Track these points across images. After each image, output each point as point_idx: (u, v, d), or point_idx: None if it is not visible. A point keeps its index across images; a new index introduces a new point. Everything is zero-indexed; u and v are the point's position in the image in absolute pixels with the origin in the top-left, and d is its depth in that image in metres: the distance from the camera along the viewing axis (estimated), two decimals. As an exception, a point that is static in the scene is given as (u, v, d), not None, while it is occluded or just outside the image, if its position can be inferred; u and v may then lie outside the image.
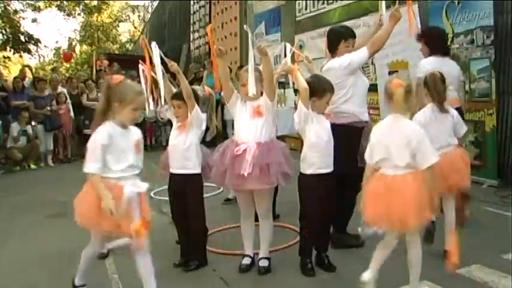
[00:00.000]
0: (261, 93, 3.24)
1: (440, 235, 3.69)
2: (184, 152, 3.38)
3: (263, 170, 3.07)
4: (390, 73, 6.77)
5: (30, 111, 8.65)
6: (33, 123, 8.73)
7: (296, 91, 5.36)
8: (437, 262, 3.13)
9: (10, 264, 3.80)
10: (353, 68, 3.60)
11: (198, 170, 3.42)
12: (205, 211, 3.48)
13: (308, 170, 3.23)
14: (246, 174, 3.04)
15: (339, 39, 3.77)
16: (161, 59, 3.41)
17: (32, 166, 8.56)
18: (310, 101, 3.17)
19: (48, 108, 8.84)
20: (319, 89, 3.20)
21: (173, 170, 3.46)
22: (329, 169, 3.22)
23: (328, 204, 3.24)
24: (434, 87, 3.29)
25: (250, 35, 3.27)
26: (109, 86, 2.67)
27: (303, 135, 3.27)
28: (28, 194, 6.37)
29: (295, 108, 3.51)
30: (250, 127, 3.20)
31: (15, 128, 8.39)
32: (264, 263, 3.32)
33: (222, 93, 3.48)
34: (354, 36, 3.82)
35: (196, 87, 3.62)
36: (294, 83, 4.20)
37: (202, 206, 3.44)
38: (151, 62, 3.50)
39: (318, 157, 3.21)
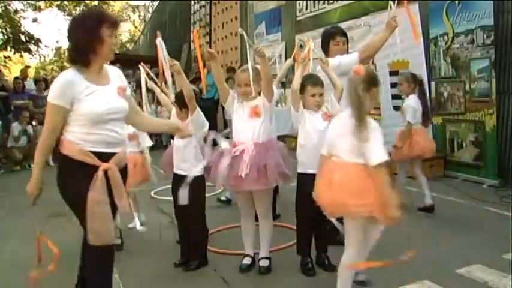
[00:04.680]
0: (259, 93, 3.24)
1: (434, 236, 3.70)
2: (182, 153, 3.38)
3: (261, 170, 3.06)
4: (391, 73, 6.78)
5: (30, 110, 8.66)
6: (33, 123, 8.73)
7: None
8: (437, 262, 3.14)
9: (10, 264, 3.81)
10: (342, 70, 3.61)
11: (196, 172, 3.40)
12: (205, 211, 3.47)
13: (299, 169, 3.27)
14: (243, 175, 3.04)
15: (327, 39, 3.89)
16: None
17: (33, 166, 8.55)
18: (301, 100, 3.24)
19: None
20: (300, 85, 3.25)
21: (175, 170, 3.47)
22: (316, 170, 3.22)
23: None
24: None
25: (245, 37, 3.26)
26: None
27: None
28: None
29: None
30: (248, 127, 3.19)
31: (15, 127, 8.39)
32: (264, 263, 3.32)
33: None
34: (343, 34, 3.89)
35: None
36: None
37: (202, 207, 3.43)
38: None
39: (305, 157, 3.23)
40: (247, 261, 3.39)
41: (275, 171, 3.08)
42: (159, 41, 3.50)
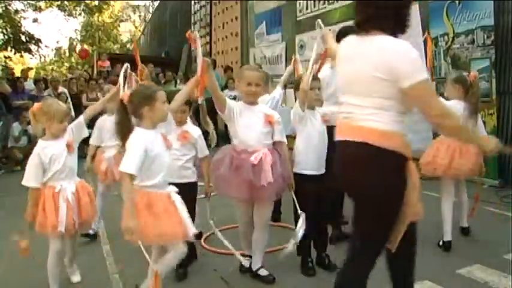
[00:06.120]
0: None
1: (434, 235, 3.70)
2: (184, 163, 3.29)
3: (280, 178, 3.00)
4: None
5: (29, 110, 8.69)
6: (34, 123, 8.74)
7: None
8: (437, 262, 3.13)
9: (10, 263, 3.81)
10: None
11: (194, 179, 3.39)
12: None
13: (294, 169, 3.23)
14: (266, 184, 2.91)
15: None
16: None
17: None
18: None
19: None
20: (298, 82, 3.26)
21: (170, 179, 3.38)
22: (315, 171, 3.20)
23: (320, 205, 3.24)
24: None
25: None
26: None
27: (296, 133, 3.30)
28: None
29: None
30: (260, 135, 3.03)
31: (16, 128, 8.41)
32: (264, 272, 3.22)
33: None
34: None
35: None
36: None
37: (193, 213, 3.29)
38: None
39: (304, 158, 3.21)
40: (247, 261, 3.37)
41: (287, 180, 3.09)
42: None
